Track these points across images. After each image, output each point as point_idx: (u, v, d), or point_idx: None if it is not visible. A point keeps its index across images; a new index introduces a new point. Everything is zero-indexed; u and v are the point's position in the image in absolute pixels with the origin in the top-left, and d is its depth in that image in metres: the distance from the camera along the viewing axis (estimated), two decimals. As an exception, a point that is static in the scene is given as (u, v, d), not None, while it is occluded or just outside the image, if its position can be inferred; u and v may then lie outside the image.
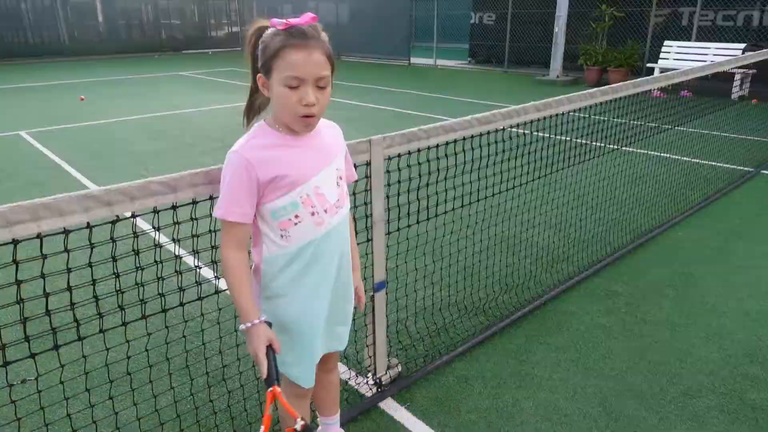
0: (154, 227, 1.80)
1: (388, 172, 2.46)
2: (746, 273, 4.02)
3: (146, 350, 2.07)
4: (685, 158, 6.49)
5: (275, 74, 1.60)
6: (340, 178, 1.82)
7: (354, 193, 2.27)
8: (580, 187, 4.39)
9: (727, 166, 6.48)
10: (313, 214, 1.72)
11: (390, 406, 2.68)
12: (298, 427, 1.50)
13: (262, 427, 1.49)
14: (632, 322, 3.41)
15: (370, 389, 2.75)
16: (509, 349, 3.13)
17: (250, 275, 1.77)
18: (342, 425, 2.37)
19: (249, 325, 1.66)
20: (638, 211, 4.94)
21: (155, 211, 1.77)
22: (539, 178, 3.77)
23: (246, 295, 1.69)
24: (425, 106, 11.01)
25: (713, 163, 6.54)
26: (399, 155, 2.46)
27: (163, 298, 1.97)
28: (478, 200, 3.18)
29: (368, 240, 2.47)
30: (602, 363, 3.02)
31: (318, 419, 2.30)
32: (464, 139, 2.74)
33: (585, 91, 3.44)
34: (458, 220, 3.24)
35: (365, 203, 2.41)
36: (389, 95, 12.42)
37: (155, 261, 1.94)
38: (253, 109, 1.80)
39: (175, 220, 1.90)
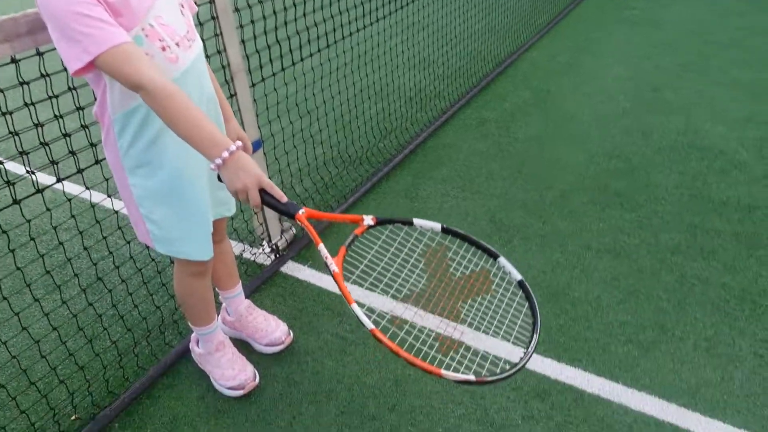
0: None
1: (237, 10, 2.11)
2: (594, 82, 4.29)
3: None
4: (528, -17, 6.54)
5: None
6: (182, 6, 1.49)
7: (202, 39, 1.92)
8: (433, 22, 4.26)
9: (566, -14, 6.66)
10: (163, 48, 1.40)
11: (292, 268, 2.59)
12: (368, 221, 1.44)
13: (321, 245, 1.37)
14: (506, 143, 3.54)
15: (268, 257, 2.62)
16: (398, 190, 3.12)
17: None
18: (246, 297, 2.23)
19: (228, 153, 1.28)
20: (495, 39, 4.98)
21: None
22: (390, 14, 3.55)
23: (205, 119, 1.31)
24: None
25: (554, -15, 6.68)
26: (245, -12, 2.10)
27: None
28: (343, 37, 2.93)
29: (232, 95, 2.17)
30: (486, 184, 3.13)
31: (220, 296, 2.14)
32: (316, -35, 2.41)
33: None
34: (325, 62, 2.98)
35: (218, 51, 2.07)
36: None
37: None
38: None
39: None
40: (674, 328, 2.17)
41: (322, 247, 1.36)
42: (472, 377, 1.22)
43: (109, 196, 1.84)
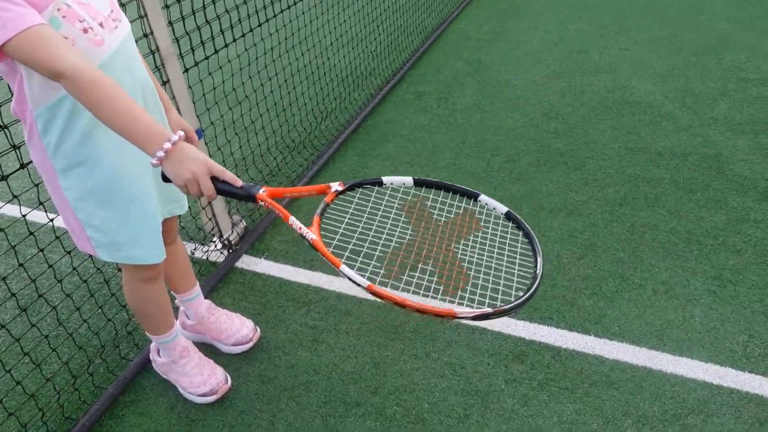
0: None
1: (160, -10, 1.94)
2: (524, 47, 4.36)
3: None
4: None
5: None
6: (103, -19, 1.33)
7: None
8: (356, 2, 4.17)
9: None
10: (85, 30, 1.25)
11: (247, 262, 2.47)
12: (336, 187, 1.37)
13: (289, 219, 1.26)
14: (446, 114, 3.53)
15: (221, 253, 2.48)
16: (346, 172, 3.04)
17: None
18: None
19: (170, 144, 1.15)
20: (420, 12, 4.94)
21: None
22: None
23: (139, 109, 1.17)
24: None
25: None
26: (167, -34, 1.93)
27: None
28: (275, 15, 2.78)
29: (164, 82, 2.00)
30: (433, 157, 3.11)
31: (177, 300, 2.00)
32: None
33: None
34: (254, 46, 2.82)
35: (145, 35, 1.89)
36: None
37: None
38: None
39: None
40: (633, 276, 2.24)
41: (293, 219, 1.25)
42: (488, 309, 1.15)
43: (41, 203, 1.65)
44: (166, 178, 1.21)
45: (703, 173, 2.80)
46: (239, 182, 1.24)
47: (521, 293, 1.21)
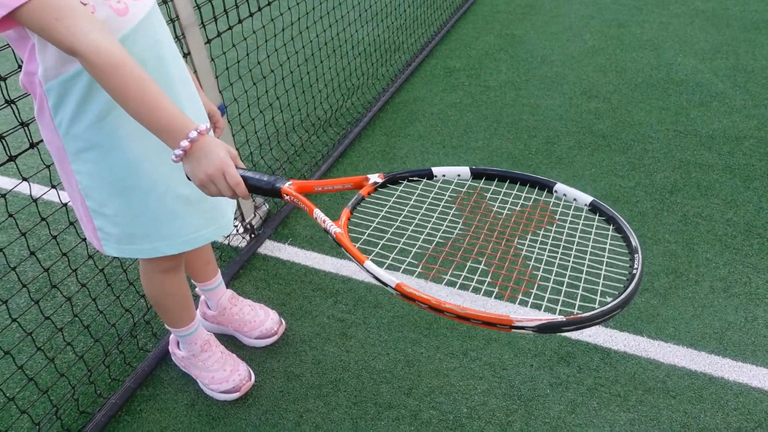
0: None
1: (180, -47, 1.77)
2: (559, 21, 4.12)
3: None
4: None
5: None
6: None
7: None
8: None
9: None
10: None
11: (271, 248, 2.33)
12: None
13: (311, 210, 1.11)
14: (478, 92, 3.34)
15: (243, 238, 2.35)
16: (373, 152, 2.88)
17: None
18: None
19: (188, 142, 1.03)
20: (449, -17, 4.70)
21: None
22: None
23: (162, 97, 1.04)
24: None
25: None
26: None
27: None
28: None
29: (185, 55, 1.84)
30: (466, 137, 2.93)
31: (197, 289, 1.87)
32: None
33: None
34: (277, 18, 2.64)
35: (164, 1, 1.73)
36: None
37: None
38: None
39: None
40: (687, 271, 2.07)
41: (318, 212, 1.10)
42: (560, 318, 0.84)
43: (53, 186, 1.52)
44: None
45: (760, 159, 2.59)
46: (264, 179, 1.12)
47: (609, 299, 0.89)
